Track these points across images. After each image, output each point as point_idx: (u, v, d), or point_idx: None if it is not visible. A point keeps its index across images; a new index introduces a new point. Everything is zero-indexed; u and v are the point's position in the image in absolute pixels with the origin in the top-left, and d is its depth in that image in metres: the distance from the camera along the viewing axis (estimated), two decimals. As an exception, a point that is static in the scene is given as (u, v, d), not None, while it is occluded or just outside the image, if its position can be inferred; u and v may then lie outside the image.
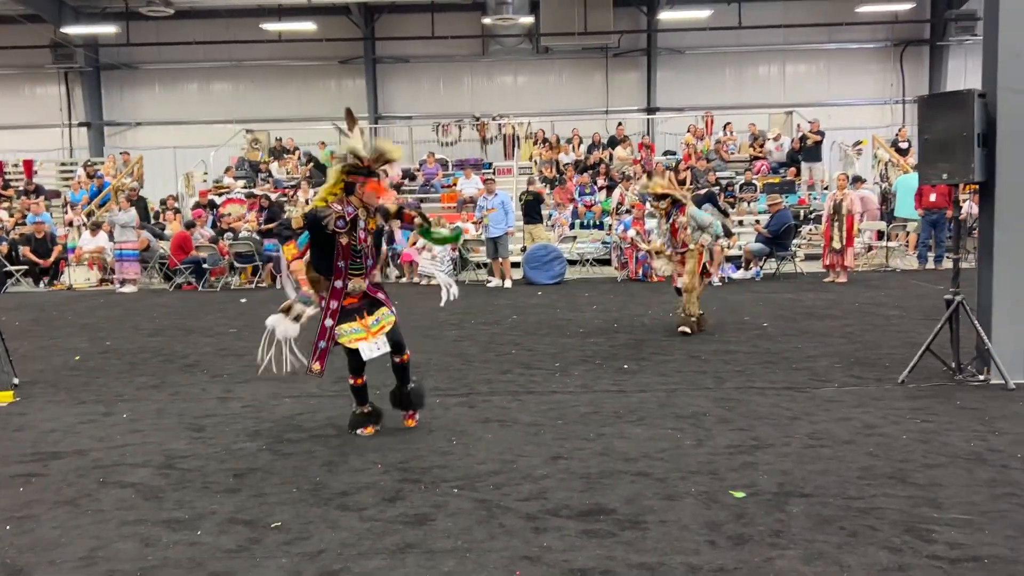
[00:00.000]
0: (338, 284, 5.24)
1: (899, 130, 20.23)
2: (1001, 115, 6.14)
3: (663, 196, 8.90)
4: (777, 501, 4.01)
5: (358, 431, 5.37)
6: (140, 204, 18.57)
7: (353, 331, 5.21)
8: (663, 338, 8.67)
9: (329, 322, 5.24)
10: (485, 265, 15.38)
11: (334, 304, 5.24)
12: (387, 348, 5.26)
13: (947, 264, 13.82)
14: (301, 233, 5.24)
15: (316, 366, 5.27)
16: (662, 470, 4.51)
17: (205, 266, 15.44)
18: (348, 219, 5.13)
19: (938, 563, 3.32)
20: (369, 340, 5.21)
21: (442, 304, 5.79)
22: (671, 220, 8.89)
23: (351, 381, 5.37)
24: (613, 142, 21.13)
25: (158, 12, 20.56)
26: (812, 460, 4.62)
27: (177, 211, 18.20)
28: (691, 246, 8.77)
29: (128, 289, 15.17)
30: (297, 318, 5.34)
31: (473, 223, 15.56)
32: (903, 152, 18.85)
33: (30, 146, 23.77)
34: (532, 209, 16.24)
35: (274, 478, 4.54)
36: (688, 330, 8.76)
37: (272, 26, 22.34)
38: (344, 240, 5.14)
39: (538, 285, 14.14)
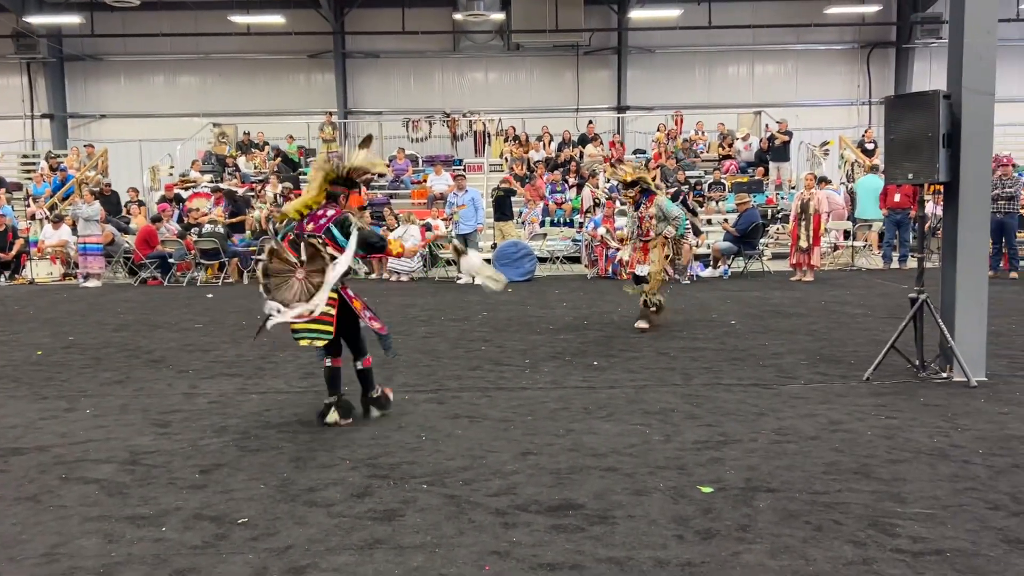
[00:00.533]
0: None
1: (865, 131, 20.49)
2: (965, 116, 6.23)
3: (632, 184, 8.94)
4: (744, 496, 4.04)
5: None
6: (113, 199, 18.33)
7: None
8: (632, 335, 8.71)
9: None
10: (455, 262, 15.33)
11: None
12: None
13: (911, 264, 14.04)
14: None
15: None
16: (631, 465, 4.52)
17: (171, 261, 15.26)
18: None
19: (902, 556, 3.36)
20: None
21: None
22: (639, 209, 8.94)
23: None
24: (584, 140, 21.18)
25: (124, 3, 20.22)
26: (778, 456, 4.66)
27: (141, 203, 17.95)
28: (653, 235, 8.85)
29: (92, 284, 14.94)
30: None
31: (443, 220, 15.52)
32: (869, 153, 19.10)
33: (-9, 138, 23.34)
34: (503, 205, 16.23)
35: (241, 474, 4.50)
36: (645, 325, 8.85)
37: (240, 18, 22.08)
38: None
39: (508, 282, 14.11)
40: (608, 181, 16.24)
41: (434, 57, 23.91)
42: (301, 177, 20.21)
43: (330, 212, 5.35)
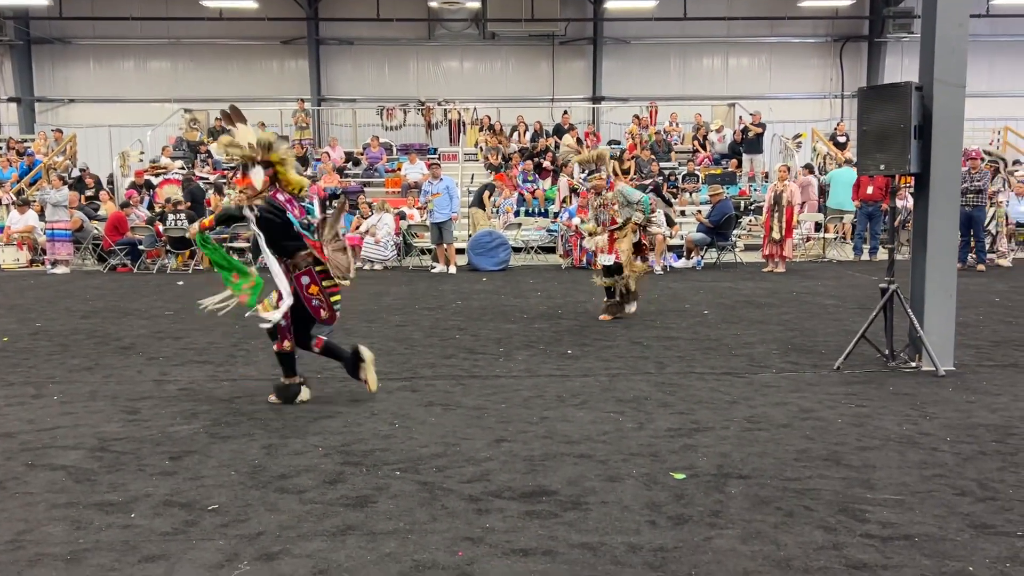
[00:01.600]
0: None
1: (838, 124, 20.67)
2: (937, 108, 6.30)
3: (595, 169, 8.99)
4: (716, 482, 4.07)
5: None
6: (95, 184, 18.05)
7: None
8: (606, 324, 8.73)
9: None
10: (429, 251, 15.29)
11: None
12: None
13: (882, 255, 14.20)
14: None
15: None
16: (604, 452, 4.54)
17: (141, 248, 15.07)
18: None
19: (871, 541, 3.40)
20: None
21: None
22: (601, 196, 8.95)
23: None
24: (559, 130, 21.16)
25: (93, -15, 19.90)
26: (750, 443, 4.70)
27: (109, 184, 17.70)
28: (619, 222, 8.85)
29: (60, 270, 14.73)
30: None
31: (418, 208, 15.46)
32: (841, 146, 19.27)
33: (-45, 121, 22.88)
34: (480, 195, 16.21)
35: (211, 461, 4.45)
36: (609, 317, 8.91)
37: (213, 3, 21.76)
38: None
39: (483, 271, 14.12)
40: (582, 171, 16.24)
41: (409, 45, 23.75)
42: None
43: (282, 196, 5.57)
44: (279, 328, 5.54)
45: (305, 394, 5.67)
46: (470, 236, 15.19)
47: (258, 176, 5.46)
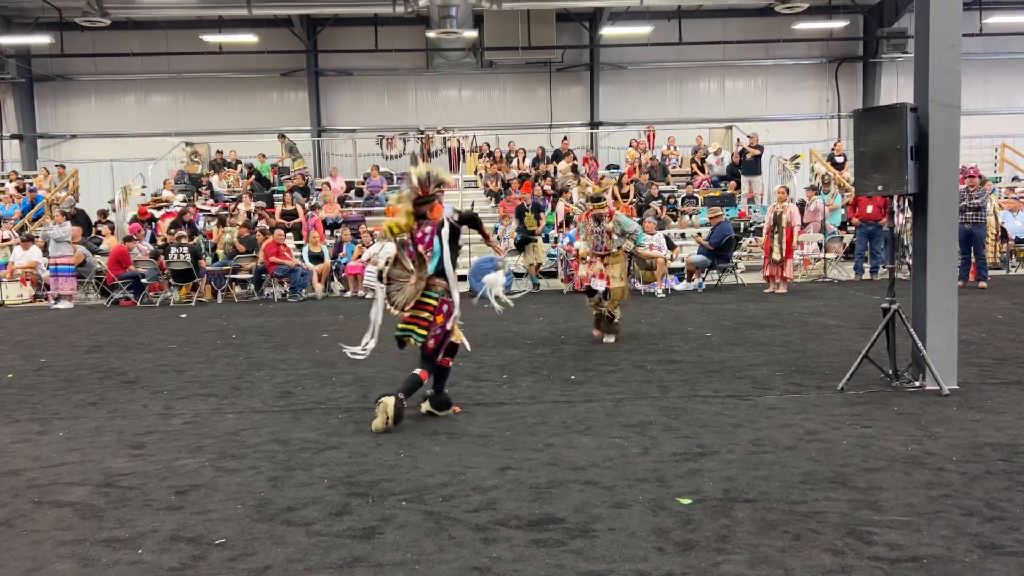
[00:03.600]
0: None
1: (835, 144, 20.78)
2: (932, 128, 6.34)
3: (598, 198, 9.14)
4: (722, 507, 4.06)
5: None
6: (81, 218, 18.13)
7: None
8: (609, 349, 8.74)
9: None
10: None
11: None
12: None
13: (883, 275, 14.20)
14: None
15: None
16: (610, 478, 4.53)
17: (144, 281, 15.12)
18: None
19: (879, 564, 3.39)
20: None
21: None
22: (600, 224, 9.07)
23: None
24: (558, 155, 21.29)
25: (94, 22, 20.11)
26: (756, 466, 4.69)
27: (110, 223, 17.81)
28: (613, 250, 9.06)
29: (64, 305, 14.78)
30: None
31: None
32: (839, 166, 19.35)
33: (-42, 159, 23.06)
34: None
35: (218, 494, 4.45)
36: (614, 339, 9.08)
37: (212, 38, 22.03)
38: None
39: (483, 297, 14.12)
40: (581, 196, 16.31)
41: (407, 75, 23.98)
42: (275, 195, 20.16)
43: (427, 228, 5.94)
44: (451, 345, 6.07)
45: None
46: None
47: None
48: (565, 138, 21.95)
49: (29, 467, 5.07)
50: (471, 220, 6.37)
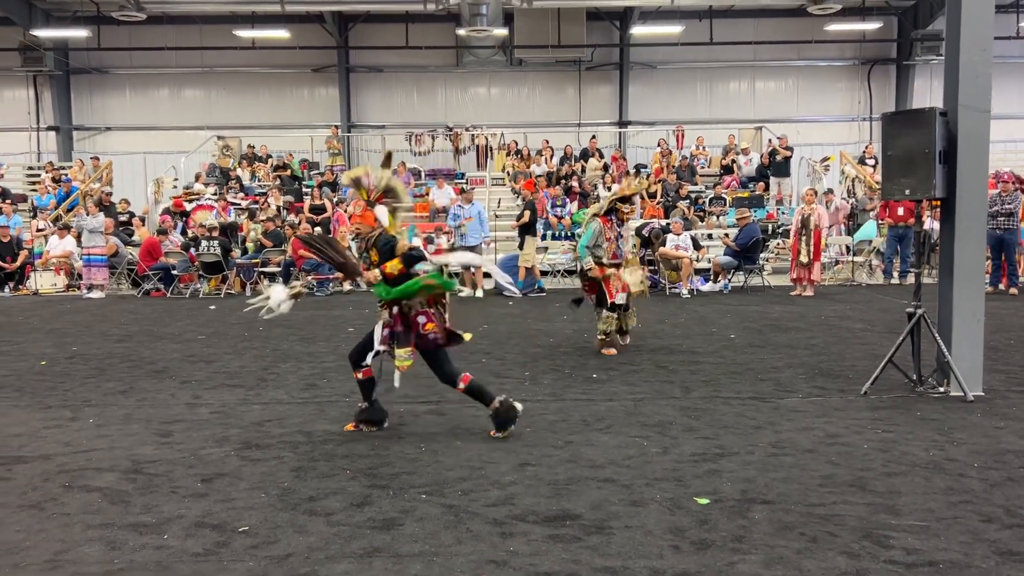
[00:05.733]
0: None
1: (866, 147, 20.58)
2: (961, 133, 6.30)
3: (628, 199, 8.87)
4: (740, 508, 4.08)
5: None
6: (113, 209, 18.38)
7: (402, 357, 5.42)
8: (632, 349, 8.74)
9: (381, 346, 5.48)
10: (457, 275, 15.38)
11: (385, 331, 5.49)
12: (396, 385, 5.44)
13: (912, 278, 14.05)
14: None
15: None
16: (628, 477, 4.56)
17: (174, 272, 15.33)
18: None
19: (895, 568, 3.40)
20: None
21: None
22: (622, 227, 8.88)
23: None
24: (586, 154, 21.28)
25: (130, 17, 20.40)
26: (775, 468, 4.70)
27: (133, 215, 18.11)
28: (630, 255, 8.94)
29: (96, 295, 15.03)
30: (296, 296, 5.71)
31: (445, 232, 15.58)
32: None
33: (-3, 149, 23.47)
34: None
35: (242, 483, 4.54)
36: (626, 341, 8.72)
37: (245, 33, 22.27)
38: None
39: (509, 295, 14.18)
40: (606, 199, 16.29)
41: (437, 72, 24.07)
42: (304, 189, 20.34)
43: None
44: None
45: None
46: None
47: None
48: (593, 137, 21.93)
49: (60, 452, 5.19)
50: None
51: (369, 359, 5.53)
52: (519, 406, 5.44)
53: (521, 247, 14.97)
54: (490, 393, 5.47)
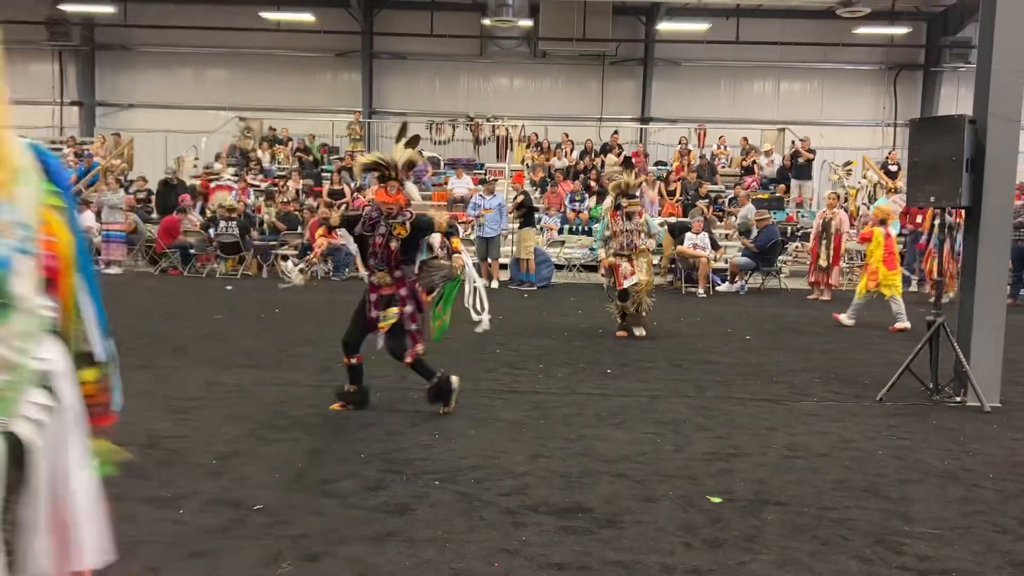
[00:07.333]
0: (373, 279, 5.65)
1: (889, 153, 20.42)
2: (990, 142, 6.24)
3: (631, 195, 9.32)
4: (752, 508, 4.08)
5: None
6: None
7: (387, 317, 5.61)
8: (646, 345, 8.75)
9: (374, 312, 5.61)
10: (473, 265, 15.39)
11: (373, 296, 5.62)
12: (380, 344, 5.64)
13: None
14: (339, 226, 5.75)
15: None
16: (641, 472, 4.57)
17: (192, 252, 15.41)
18: (371, 222, 5.57)
19: (907, 574, 3.40)
20: (378, 333, 5.63)
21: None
22: (631, 221, 9.26)
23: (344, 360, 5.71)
24: (606, 149, 21.21)
25: (157, -6, 20.47)
26: (788, 470, 4.70)
27: (149, 192, 18.17)
28: (641, 247, 9.25)
29: (114, 270, 15.13)
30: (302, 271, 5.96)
31: (463, 222, 15.58)
32: (892, 175, 19.02)
33: (20, 122, 22.95)
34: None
35: (258, 462, 4.58)
36: (643, 332, 9.19)
37: (271, 15, 22.31)
38: (371, 242, 5.59)
39: (524, 288, 14.20)
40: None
41: (460, 61, 24.03)
42: (323, 173, 20.38)
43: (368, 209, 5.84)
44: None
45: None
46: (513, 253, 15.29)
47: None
48: (615, 132, 21.85)
49: (78, 424, 5.23)
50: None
51: (364, 346, 5.74)
52: (455, 380, 5.77)
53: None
54: (432, 369, 5.73)
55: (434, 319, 5.86)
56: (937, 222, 7.07)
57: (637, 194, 9.56)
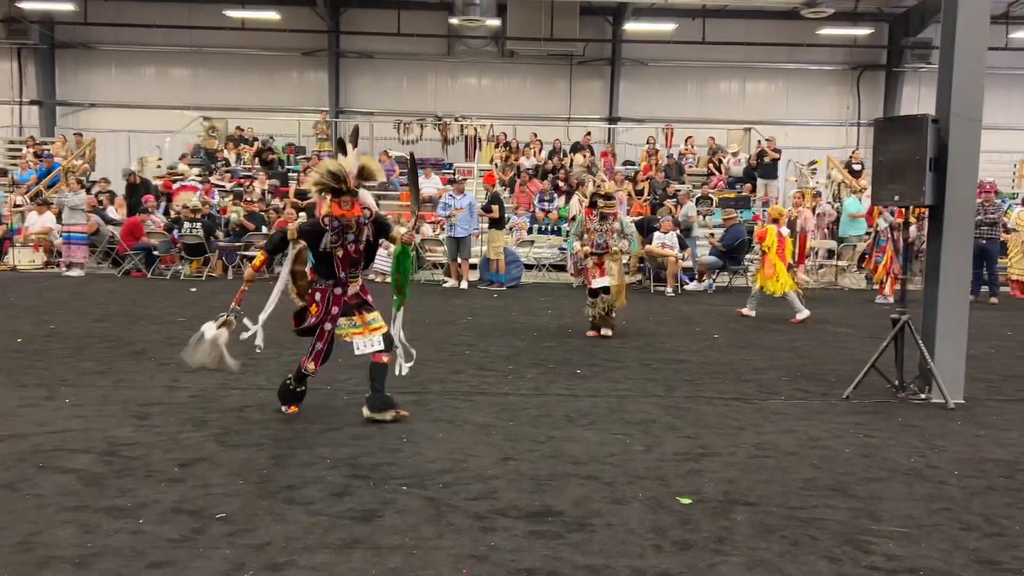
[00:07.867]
0: (339, 291, 5.50)
1: (853, 152, 20.64)
2: (953, 141, 6.30)
3: (610, 196, 9.38)
4: (722, 508, 4.07)
5: (283, 408, 5.66)
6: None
7: (351, 325, 5.54)
8: (615, 344, 8.74)
9: (328, 326, 5.51)
10: (442, 265, 15.33)
11: (335, 309, 5.49)
12: (380, 347, 5.54)
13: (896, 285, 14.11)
14: (289, 244, 5.63)
15: (311, 366, 5.57)
16: (610, 474, 4.54)
17: (156, 253, 15.17)
18: (335, 234, 5.37)
19: (876, 573, 3.40)
20: (365, 336, 5.52)
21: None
22: (605, 222, 9.24)
23: (310, 366, 5.56)
24: (576, 148, 21.20)
25: (117, -8, 20.13)
26: (757, 470, 4.69)
27: (112, 194, 17.79)
28: (614, 248, 9.22)
29: (75, 273, 14.85)
30: (226, 325, 5.63)
31: (431, 223, 15.49)
32: (856, 174, 19.24)
33: (-22, 122, 23.11)
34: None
35: (220, 469, 4.48)
36: (611, 332, 9.19)
37: (235, 13, 22.04)
38: (341, 253, 5.41)
39: (493, 288, 14.15)
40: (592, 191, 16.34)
41: (428, 60, 23.91)
42: (290, 174, 20.17)
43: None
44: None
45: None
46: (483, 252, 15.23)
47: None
48: (588, 133, 21.84)
49: (34, 432, 5.11)
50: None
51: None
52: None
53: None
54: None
55: (393, 288, 5.79)
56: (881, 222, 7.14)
57: (615, 196, 9.64)
